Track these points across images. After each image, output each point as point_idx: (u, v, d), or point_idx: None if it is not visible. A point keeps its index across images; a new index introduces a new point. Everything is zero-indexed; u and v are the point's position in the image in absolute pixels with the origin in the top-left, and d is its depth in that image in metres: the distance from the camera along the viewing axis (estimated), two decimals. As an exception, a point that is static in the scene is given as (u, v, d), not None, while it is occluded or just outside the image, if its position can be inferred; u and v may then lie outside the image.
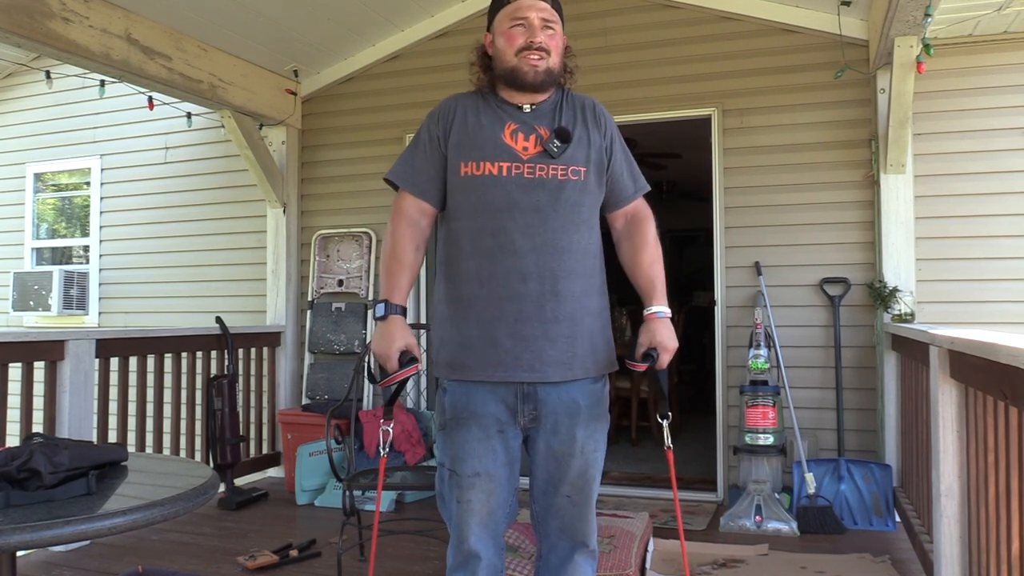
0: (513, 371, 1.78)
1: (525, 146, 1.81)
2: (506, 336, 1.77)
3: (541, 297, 1.77)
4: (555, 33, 1.85)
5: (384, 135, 4.97)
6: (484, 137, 1.82)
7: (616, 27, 4.52)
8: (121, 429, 3.82)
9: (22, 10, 3.35)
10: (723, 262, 4.26)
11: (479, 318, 1.80)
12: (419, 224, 1.87)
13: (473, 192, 1.81)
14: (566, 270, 1.79)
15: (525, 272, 1.77)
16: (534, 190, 1.79)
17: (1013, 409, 1.71)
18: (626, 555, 2.68)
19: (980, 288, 3.90)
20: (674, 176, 8.01)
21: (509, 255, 1.77)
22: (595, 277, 1.87)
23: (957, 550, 2.32)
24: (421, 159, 1.89)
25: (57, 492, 1.51)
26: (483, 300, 1.79)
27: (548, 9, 1.84)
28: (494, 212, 1.78)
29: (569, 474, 1.83)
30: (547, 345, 1.78)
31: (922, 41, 3.41)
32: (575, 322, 1.81)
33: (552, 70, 1.84)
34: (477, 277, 1.80)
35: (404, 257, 1.84)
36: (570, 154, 1.81)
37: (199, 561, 3.29)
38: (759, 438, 3.80)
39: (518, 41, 1.82)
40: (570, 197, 1.81)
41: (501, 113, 1.85)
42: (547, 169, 1.79)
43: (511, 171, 1.79)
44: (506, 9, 1.86)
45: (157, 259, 5.64)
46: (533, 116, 1.85)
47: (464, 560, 1.82)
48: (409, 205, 1.87)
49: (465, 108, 1.88)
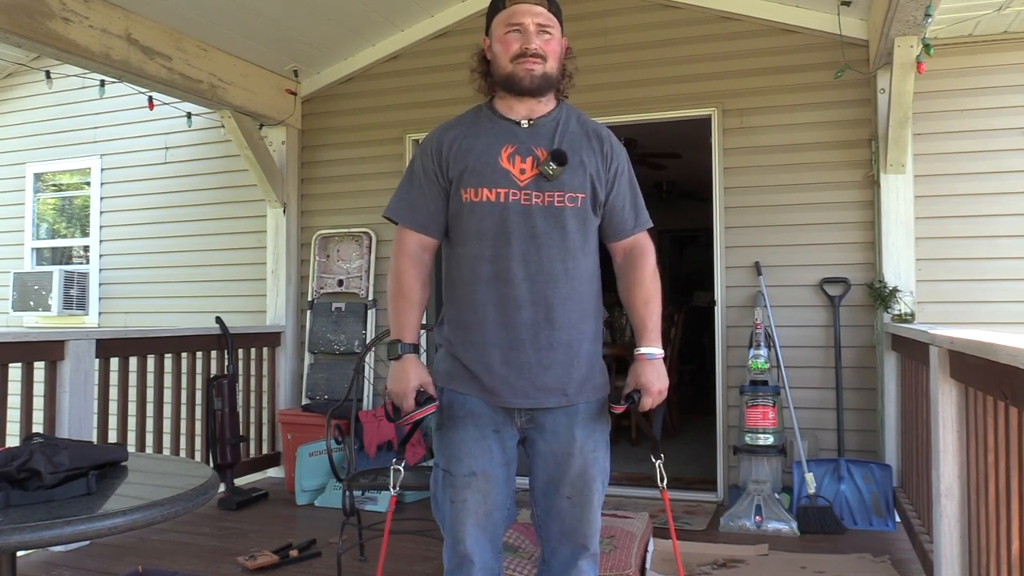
0: (508, 399, 1.80)
1: (522, 168, 1.79)
2: (501, 363, 1.78)
3: (535, 325, 1.78)
4: (552, 38, 1.82)
5: (384, 135, 4.97)
6: (482, 163, 1.80)
7: (616, 27, 4.52)
8: (121, 429, 3.82)
9: (22, 10, 3.35)
10: (723, 262, 4.26)
11: (475, 344, 1.81)
12: (422, 259, 1.87)
13: (472, 218, 1.80)
14: (561, 297, 1.79)
15: (520, 300, 1.77)
16: (531, 217, 1.78)
17: (1013, 409, 1.71)
18: (626, 555, 2.68)
19: (980, 288, 3.90)
20: (674, 176, 8.01)
21: (504, 283, 1.78)
22: (590, 302, 1.86)
23: (957, 550, 2.32)
24: (418, 193, 1.87)
25: (57, 492, 1.51)
26: (479, 327, 1.80)
27: (544, 13, 1.81)
28: (491, 239, 1.78)
29: (569, 474, 1.82)
30: (541, 372, 1.79)
31: (922, 41, 3.41)
32: (570, 348, 1.81)
33: (549, 75, 1.81)
34: (474, 305, 1.80)
35: (411, 296, 1.84)
36: (567, 179, 1.79)
37: (199, 561, 3.29)
38: (759, 438, 3.80)
39: (513, 47, 1.79)
40: (567, 224, 1.79)
41: (498, 132, 1.82)
42: (543, 196, 1.78)
43: (508, 197, 1.77)
44: (501, 15, 1.83)
45: (157, 259, 5.64)
46: (531, 135, 1.82)
47: (460, 563, 1.80)
48: (411, 241, 1.87)
49: (456, 136, 1.84)
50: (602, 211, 1.87)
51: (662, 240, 9.64)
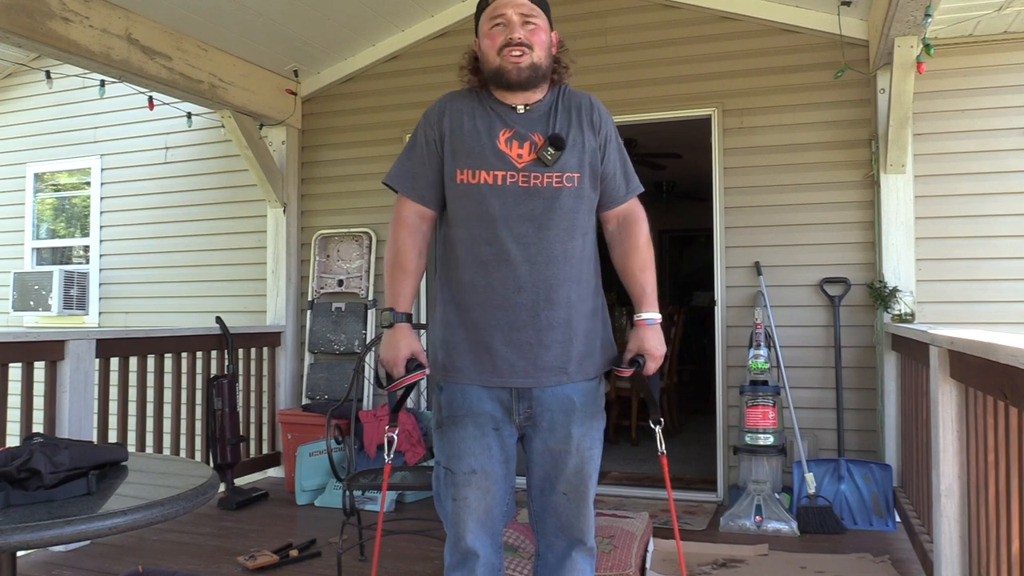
0: (509, 378, 1.81)
1: (520, 153, 1.80)
2: (501, 343, 1.79)
3: (535, 306, 1.79)
4: (537, 27, 1.83)
5: (384, 135, 4.97)
6: (480, 144, 1.81)
7: (616, 27, 4.52)
8: (121, 429, 3.82)
9: (22, 10, 3.35)
10: (723, 262, 4.26)
11: (474, 325, 1.81)
12: (420, 229, 1.88)
13: (469, 200, 1.81)
14: (560, 278, 1.80)
15: (520, 282, 1.78)
16: (529, 199, 1.78)
17: (1013, 409, 1.71)
18: (626, 555, 2.68)
19: (980, 288, 3.90)
20: (674, 176, 8.00)
21: (503, 265, 1.78)
22: (590, 281, 1.87)
23: (957, 550, 2.32)
24: (419, 162, 1.88)
25: (57, 492, 1.51)
26: (478, 308, 1.81)
27: (526, 4, 1.82)
28: (489, 221, 1.79)
29: (565, 471, 1.84)
30: (542, 351, 1.80)
31: (922, 41, 3.41)
32: (570, 326, 1.82)
33: (537, 64, 1.82)
34: (472, 286, 1.81)
35: (407, 264, 1.85)
36: (564, 161, 1.80)
37: (199, 561, 3.29)
38: (759, 438, 3.80)
39: (498, 39, 1.81)
40: (564, 205, 1.80)
41: (495, 116, 1.84)
42: (541, 177, 1.79)
43: (506, 180, 1.78)
44: (486, 12, 1.86)
45: (157, 259, 5.64)
46: (527, 120, 1.83)
47: (462, 558, 1.83)
48: (409, 211, 1.88)
49: (459, 111, 1.86)
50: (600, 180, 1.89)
51: (662, 240, 9.64)
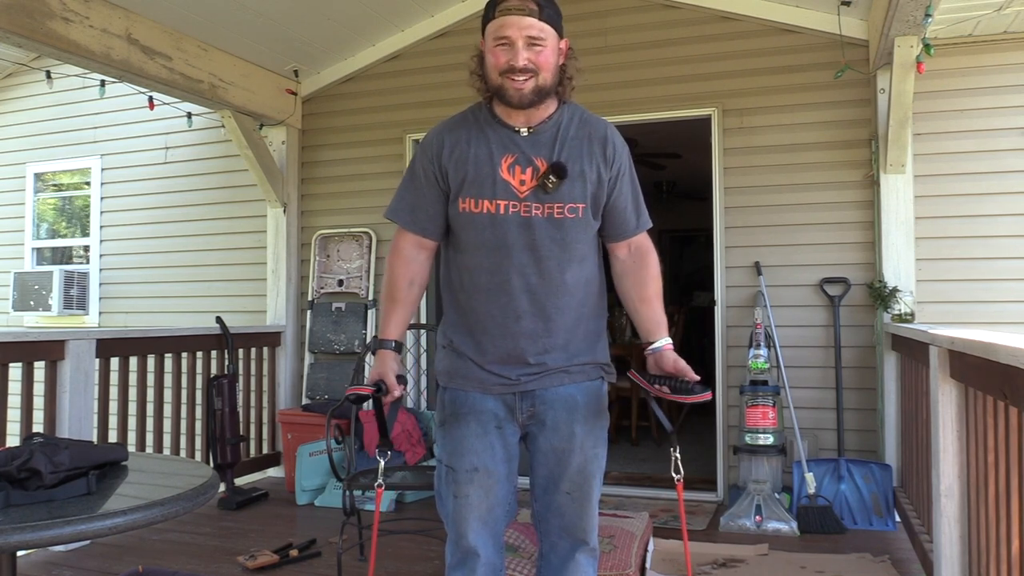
0: (511, 389, 1.85)
1: (523, 179, 1.78)
2: (501, 367, 1.84)
3: (535, 334, 1.82)
4: (544, 48, 1.73)
5: (384, 135, 4.97)
6: (483, 173, 1.78)
7: (616, 27, 4.52)
8: (121, 429, 3.82)
9: (22, 10, 3.35)
10: (723, 262, 4.26)
11: (476, 348, 1.85)
12: (417, 259, 1.90)
13: (471, 229, 1.81)
14: (561, 306, 1.82)
15: (520, 311, 1.80)
16: (530, 229, 1.78)
17: (1013, 409, 1.71)
18: (626, 555, 2.68)
19: (980, 288, 3.90)
20: (674, 176, 8.01)
21: (504, 294, 1.80)
22: (589, 306, 1.89)
23: (957, 550, 2.32)
24: (418, 195, 1.87)
25: (57, 492, 1.51)
26: (479, 334, 1.84)
27: (535, 25, 1.71)
28: (490, 251, 1.79)
29: (569, 471, 1.84)
30: (541, 370, 1.84)
31: (922, 41, 3.41)
32: (567, 349, 1.86)
33: (542, 87, 1.76)
34: (473, 313, 1.84)
35: (397, 295, 1.89)
36: (567, 190, 1.77)
37: (199, 561, 3.29)
38: (759, 438, 3.80)
39: (502, 60, 1.74)
40: (567, 235, 1.79)
41: (496, 141, 1.80)
42: (543, 208, 1.77)
43: (508, 209, 1.77)
44: (491, 24, 1.76)
45: (157, 259, 5.64)
46: (531, 143, 1.79)
47: (463, 557, 1.82)
48: (406, 243, 1.90)
49: (457, 140, 1.82)
50: (603, 212, 1.87)
51: (662, 240, 9.63)
